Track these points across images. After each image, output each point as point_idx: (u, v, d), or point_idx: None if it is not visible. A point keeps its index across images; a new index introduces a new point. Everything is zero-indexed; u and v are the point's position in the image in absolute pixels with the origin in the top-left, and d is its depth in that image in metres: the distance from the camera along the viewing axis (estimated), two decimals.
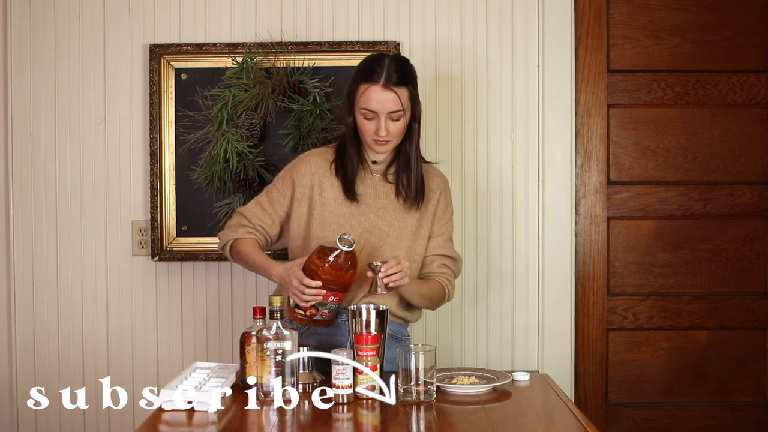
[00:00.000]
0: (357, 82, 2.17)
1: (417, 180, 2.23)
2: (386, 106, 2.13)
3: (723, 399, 2.91)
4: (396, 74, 2.13)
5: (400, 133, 2.18)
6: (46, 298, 2.84)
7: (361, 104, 2.15)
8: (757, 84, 2.87)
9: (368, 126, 2.16)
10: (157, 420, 1.83)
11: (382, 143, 2.17)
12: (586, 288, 2.89)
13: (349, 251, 2.00)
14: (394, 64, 2.15)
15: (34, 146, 2.83)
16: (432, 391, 1.93)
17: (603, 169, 2.88)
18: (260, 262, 2.20)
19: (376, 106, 2.13)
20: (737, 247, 2.90)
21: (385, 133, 2.14)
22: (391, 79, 2.12)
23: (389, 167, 2.27)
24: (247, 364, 2.02)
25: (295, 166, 2.29)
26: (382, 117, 2.13)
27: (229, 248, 2.28)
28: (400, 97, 2.13)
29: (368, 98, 2.13)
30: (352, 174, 2.22)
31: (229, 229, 2.30)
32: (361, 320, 2.00)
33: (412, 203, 2.24)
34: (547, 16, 2.81)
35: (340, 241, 2.00)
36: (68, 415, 2.84)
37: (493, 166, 2.83)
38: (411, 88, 2.18)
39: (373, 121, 2.15)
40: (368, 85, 2.13)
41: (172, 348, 2.85)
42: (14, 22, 2.81)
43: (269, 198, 2.28)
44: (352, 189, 2.22)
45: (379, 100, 2.12)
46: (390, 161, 2.27)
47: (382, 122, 2.14)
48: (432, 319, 2.83)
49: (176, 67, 2.78)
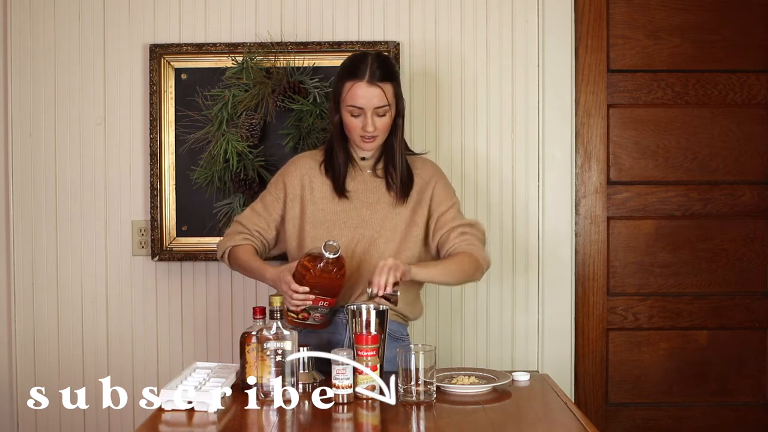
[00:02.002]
0: (342, 80, 2.21)
1: (402, 172, 2.26)
2: (372, 101, 2.16)
3: (723, 399, 2.91)
4: (380, 70, 2.17)
5: (386, 128, 2.22)
6: (46, 298, 2.84)
7: (348, 101, 2.18)
8: (757, 84, 2.87)
9: (355, 123, 2.19)
10: (157, 420, 1.83)
11: (369, 140, 2.20)
12: (586, 288, 2.89)
13: (334, 258, 2.01)
14: (377, 61, 2.20)
15: (34, 146, 2.83)
16: (432, 391, 1.93)
17: (603, 169, 2.88)
18: (255, 266, 2.22)
19: (362, 102, 2.16)
20: (737, 247, 2.90)
21: (372, 129, 2.18)
22: (375, 75, 2.16)
23: (377, 162, 2.30)
24: (247, 364, 2.02)
25: (285, 169, 2.34)
26: (368, 113, 2.17)
27: (227, 256, 2.30)
28: (385, 93, 2.17)
29: (354, 95, 2.16)
30: (341, 171, 2.26)
31: (227, 237, 2.33)
32: (361, 320, 2.00)
33: (401, 195, 2.25)
34: (547, 16, 2.81)
35: (325, 248, 2.01)
36: (68, 415, 2.84)
37: (493, 166, 2.83)
38: (395, 84, 2.22)
39: (359, 117, 2.18)
40: (353, 81, 2.17)
41: (172, 348, 2.85)
42: (14, 22, 2.81)
43: (263, 203, 2.32)
44: (342, 186, 2.25)
45: (365, 96, 2.16)
46: (378, 156, 2.30)
47: (369, 118, 2.17)
48: (432, 319, 2.83)
49: (176, 67, 2.78)
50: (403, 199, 2.26)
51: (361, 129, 2.18)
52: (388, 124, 2.22)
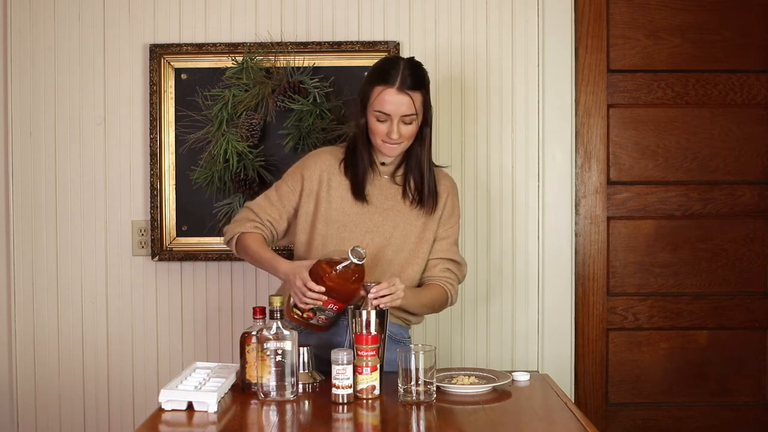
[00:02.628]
0: (371, 84, 2.17)
1: (430, 185, 2.24)
2: (400, 109, 2.13)
3: (723, 399, 2.91)
4: (411, 78, 2.13)
5: (410, 136, 2.18)
6: (46, 298, 2.84)
7: (375, 106, 2.15)
8: (757, 84, 2.87)
9: (380, 128, 2.16)
10: (157, 420, 1.83)
11: (392, 146, 2.17)
12: (586, 288, 2.89)
13: (358, 264, 2.00)
14: (409, 67, 2.15)
15: (34, 146, 2.83)
16: (432, 391, 1.93)
17: (603, 169, 2.88)
18: (267, 257, 2.18)
19: (390, 109, 2.13)
20: (737, 247, 2.90)
21: (397, 136, 2.14)
22: (406, 82, 2.12)
23: (397, 169, 2.27)
24: (247, 364, 2.02)
25: (304, 162, 2.29)
26: (395, 120, 2.13)
27: (234, 242, 2.27)
28: (414, 101, 2.13)
29: (383, 101, 2.13)
30: (362, 174, 2.22)
31: (236, 222, 2.28)
32: (361, 320, 2.00)
33: (422, 207, 2.24)
34: (547, 16, 2.81)
35: (352, 252, 1.99)
36: (68, 415, 2.84)
37: (493, 166, 2.83)
38: (424, 93, 2.18)
39: (385, 123, 2.15)
40: (383, 87, 2.13)
41: (172, 348, 2.85)
42: (14, 22, 2.81)
43: (278, 193, 2.28)
44: (361, 189, 2.22)
45: (394, 103, 2.12)
46: (398, 163, 2.27)
47: (395, 125, 2.14)
48: (432, 319, 2.83)
49: (176, 67, 2.78)
50: (421, 210, 2.23)
51: (386, 135, 2.15)
52: (413, 133, 2.18)
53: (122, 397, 2.84)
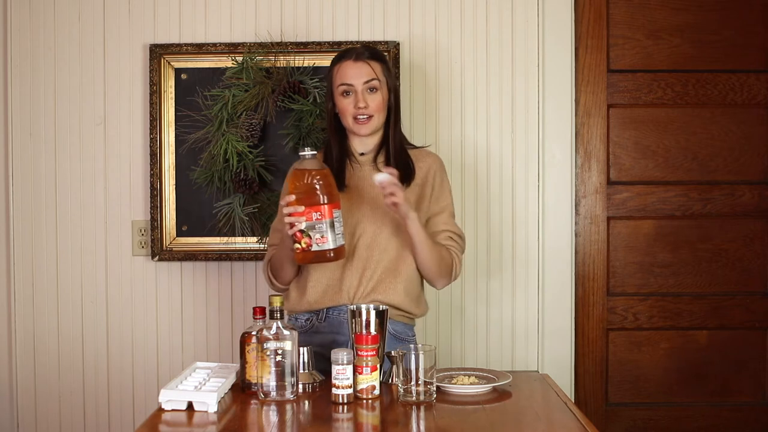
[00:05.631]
0: (332, 68, 2.27)
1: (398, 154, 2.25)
2: (361, 75, 2.20)
3: (723, 399, 2.91)
4: (367, 51, 2.25)
5: (378, 107, 2.21)
6: (46, 298, 2.84)
7: (338, 82, 2.22)
8: (757, 84, 2.87)
9: (347, 103, 2.21)
10: (157, 420, 1.83)
11: (363, 122, 2.20)
12: (586, 288, 2.89)
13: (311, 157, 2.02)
14: (363, 46, 2.28)
15: (34, 146, 2.83)
16: (432, 391, 1.93)
17: (603, 169, 2.88)
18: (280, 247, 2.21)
19: (351, 76, 2.20)
20: (737, 247, 2.90)
21: (364, 105, 2.19)
22: (362, 54, 2.23)
23: (377, 156, 2.28)
24: (247, 364, 2.02)
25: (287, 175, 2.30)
26: (359, 89, 2.19)
27: (269, 272, 2.29)
28: (373, 69, 2.21)
29: (343, 74, 2.21)
30: (338, 163, 2.25)
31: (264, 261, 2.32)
32: (361, 320, 2.00)
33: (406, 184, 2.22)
34: (547, 16, 2.81)
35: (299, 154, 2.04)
36: (68, 415, 2.84)
37: (493, 166, 2.83)
38: (383, 65, 2.25)
39: (351, 97, 2.20)
40: (342, 62, 2.23)
41: (172, 348, 2.85)
42: (14, 22, 2.81)
43: (279, 216, 2.29)
44: (341, 177, 2.23)
45: (353, 72, 2.20)
46: (377, 150, 2.28)
47: (360, 94, 2.19)
48: (432, 319, 2.83)
49: (176, 67, 2.78)
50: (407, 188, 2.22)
51: (354, 107, 2.19)
52: (381, 104, 2.21)
53: (122, 397, 2.84)
